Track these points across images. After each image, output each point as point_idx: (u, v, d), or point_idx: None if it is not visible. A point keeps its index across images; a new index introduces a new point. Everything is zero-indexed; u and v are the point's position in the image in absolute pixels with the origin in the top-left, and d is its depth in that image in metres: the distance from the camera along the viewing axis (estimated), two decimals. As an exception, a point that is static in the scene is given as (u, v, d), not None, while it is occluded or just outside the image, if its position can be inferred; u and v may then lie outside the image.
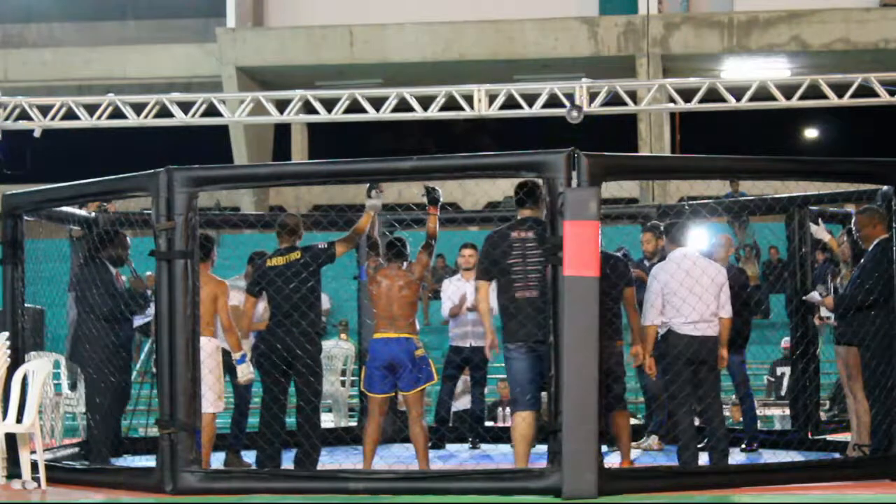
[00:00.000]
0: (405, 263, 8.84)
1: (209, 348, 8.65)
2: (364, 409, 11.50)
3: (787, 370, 15.27)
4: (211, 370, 8.59)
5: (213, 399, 8.76)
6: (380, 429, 8.80)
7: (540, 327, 7.92)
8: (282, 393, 8.85)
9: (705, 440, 9.44)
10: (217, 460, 9.16)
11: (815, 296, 9.75)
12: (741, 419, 12.04)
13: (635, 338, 8.75)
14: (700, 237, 10.52)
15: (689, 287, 8.48)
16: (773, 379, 15.23)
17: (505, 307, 8.17)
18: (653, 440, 10.79)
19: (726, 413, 13.71)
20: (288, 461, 8.88)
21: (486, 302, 8.34)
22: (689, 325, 8.53)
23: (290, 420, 9.48)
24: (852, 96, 16.24)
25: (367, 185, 8.94)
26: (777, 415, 14.60)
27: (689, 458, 8.46)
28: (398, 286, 8.65)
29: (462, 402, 12.65)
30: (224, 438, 10.39)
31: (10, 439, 8.39)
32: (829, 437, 10.69)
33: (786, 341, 15.37)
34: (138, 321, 9.73)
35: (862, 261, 8.89)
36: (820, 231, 10.07)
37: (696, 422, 8.92)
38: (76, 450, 9.74)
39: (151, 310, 9.64)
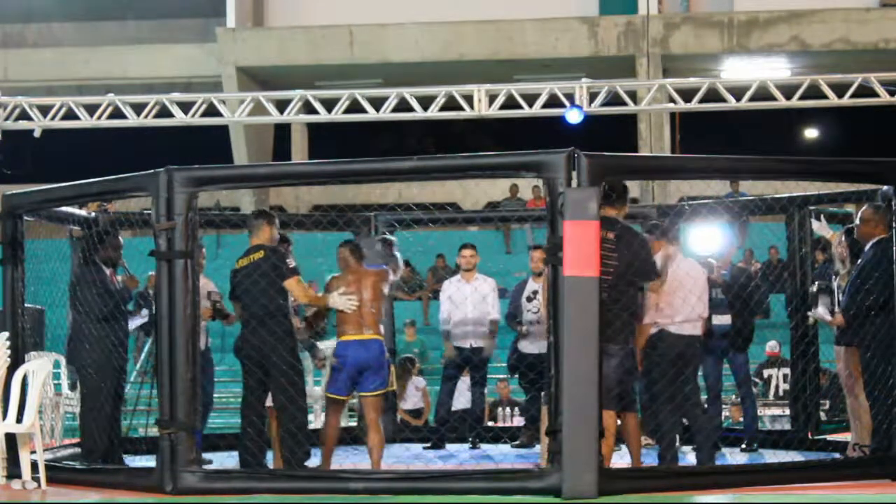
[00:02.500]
0: (363, 262, 8.81)
1: None
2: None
3: (773, 372, 15.30)
4: None
5: None
6: (339, 430, 8.81)
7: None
8: (260, 395, 8.78)
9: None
10: (216, 460, 9.16)
11: (823, 315, 9.54)
12: (741, 419, 12.04)
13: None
14: (700, 237, 10.54)
15: (690, 287, 8.51)
16: (758, 381, 15.22)
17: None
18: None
19: (725, 413, 13.74)
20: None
21: None
22: (689, 325, 8.59)
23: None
24: (852, 96, 16.25)
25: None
26: (768, 415, 14.60)
27: (669, 446, 8.52)
28: (363, 286, 8.63)
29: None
30: (224, 438, 10.40)
31: (10, 439, 8.39)
32: (829, 437, 10.70)
33: (771, 346, 15.40)
34: (133, 323, 9.72)
35: (860, 261, 8.87)
36: (822, 228, 10.06)
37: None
38: (76, 450, 9.74)
39: (145, 312, 9.66)
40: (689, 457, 10.11)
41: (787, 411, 14.14)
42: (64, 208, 9.63)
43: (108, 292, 9.10)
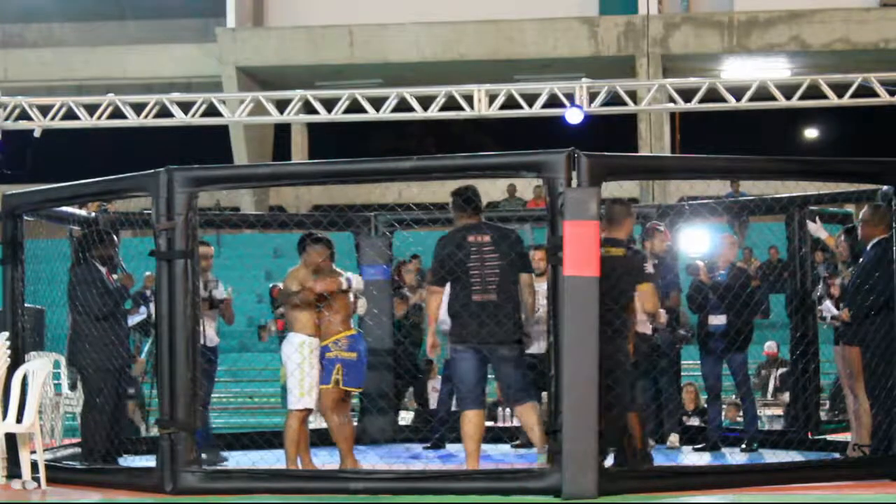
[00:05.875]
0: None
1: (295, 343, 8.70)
2: (364, 409, 11.49)
3: (770, 372, 15.33)
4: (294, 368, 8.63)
5: (296, 398, 8.72)
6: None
7: (490, 330, 8.03)
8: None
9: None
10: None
11: (831, 308, 9.50)
12: (738, 419, 12.03)
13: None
14: (690, 239, 10.59)
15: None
16: (756, 380, 15.26)
17: (457, 311, 8.17)
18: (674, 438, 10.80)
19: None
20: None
21: (437, 310, 8.31)
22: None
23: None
24: (852, 96, 16.26)
25: None
26: (766, 415, 14.62)
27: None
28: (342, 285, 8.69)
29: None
30: (223, 437, 10.39)
31: (10, 439, 8.39)
32: (829, 437, 10.70)
33: (769, 346, 15.41)
34: (132, 320, 9.72)
35: (861, 261, 8.87)
36: (817, 229, 10.06)
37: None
38: (76, 450, 9.74)
39: (144, 309, 9.65)
40: (689, 457, 10.13)
41: (781, 411, 14.19)
42: (64, 208, 9.63)
43: (106, 291, 9.09)
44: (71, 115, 17.10)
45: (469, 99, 16.69)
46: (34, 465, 8.24)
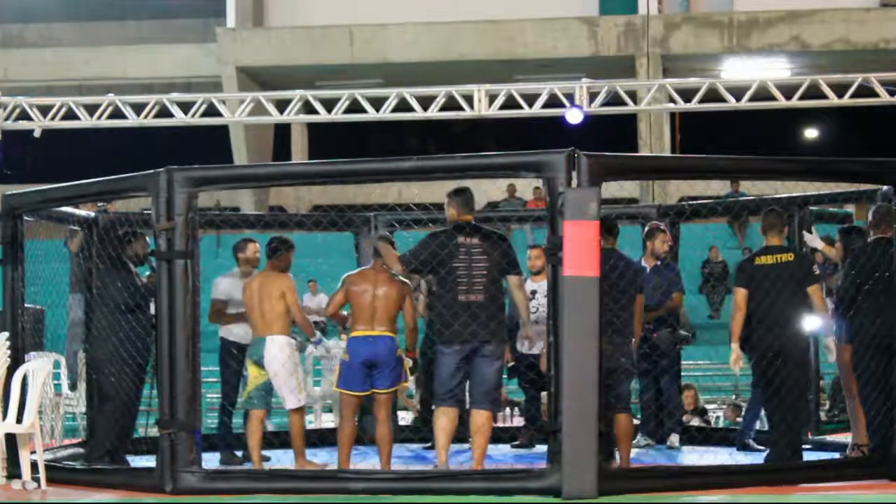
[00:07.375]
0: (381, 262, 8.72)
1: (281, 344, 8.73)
2: (364, 409, 11.46)
3: None
4: (282, 367, 8.67)
5: (288, 396, 8.75)
6: (355, 429, 8.73)
7: (473, 331, 8.04)
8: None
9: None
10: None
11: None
12: (737, 419, 12.02)
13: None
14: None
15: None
16: None
17: (440, 311, 8.17)
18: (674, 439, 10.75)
19: (719, 413, 13.70)
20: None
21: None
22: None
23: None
24: (852, 96, 16.26)
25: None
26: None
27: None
28: (378, 284, 8.56)
29: None
30: (223, 438, 10.38)
31: (10, 439, 8.39)
32: (830, 437, 10.69)
33: None
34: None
35: (851, 260, 8.83)
36: (813, 239, 10.06)
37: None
38: (76, 450, 9.74)
39: None
40: (688, 457, 10.12)
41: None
42: (64, 208, 9.63)
43: (136, 289, 9.07)
44: (71, 115, 17.09)
45: (469, 99, 16.69)
46: (34, 465, 8.24)
